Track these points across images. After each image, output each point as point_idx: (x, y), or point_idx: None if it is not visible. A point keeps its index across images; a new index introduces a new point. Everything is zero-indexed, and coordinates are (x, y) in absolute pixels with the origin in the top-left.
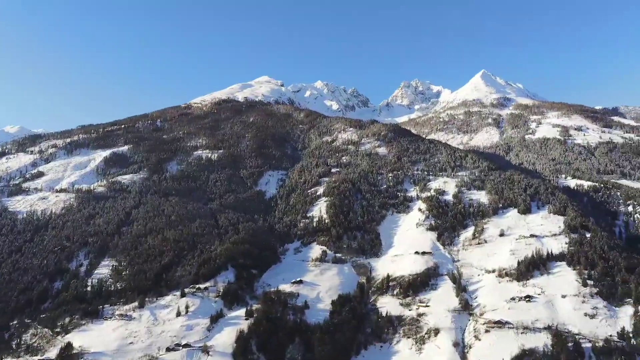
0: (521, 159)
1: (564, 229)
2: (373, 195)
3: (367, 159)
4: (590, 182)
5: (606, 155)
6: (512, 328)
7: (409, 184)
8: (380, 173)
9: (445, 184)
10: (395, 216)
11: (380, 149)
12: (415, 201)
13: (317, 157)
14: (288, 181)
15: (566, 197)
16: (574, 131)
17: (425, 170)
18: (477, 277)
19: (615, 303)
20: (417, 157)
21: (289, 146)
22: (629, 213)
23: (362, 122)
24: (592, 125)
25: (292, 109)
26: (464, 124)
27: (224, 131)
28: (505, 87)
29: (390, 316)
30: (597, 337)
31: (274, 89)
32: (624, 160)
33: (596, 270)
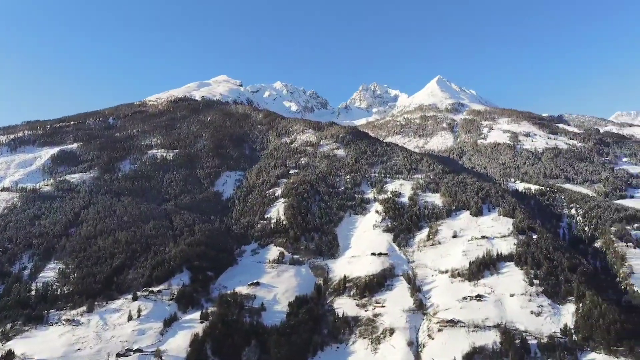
0: (474, 162)
1: (513, 230)
2: (331, 196)
3: (325, 160)
4: (537, 186)
5: (552, 161)
6: (464, 327)
7: (366, 186)
8: (339, 175)
9: (401, 186)
10: (353, 218)
11: (339, 151)
12: (373, 203)
13: (275, 158)
14: (246, 182)
15: (515, 200)
16: (523, 137)
17: (383, 173)
18: (431, 278)
19: (558, 301)
20: (374, 159)
21: (247, 147)
22: (571, 215)
23: (321, 124)
24: (540, 132)
25: (250, 109)
26: (420, 128)
27: (180, 130)
28: (460, 93)
29: (347, 317)
30: (542, 334)
31: (232, 88)
32: (568, 165)
33: (542, 270)
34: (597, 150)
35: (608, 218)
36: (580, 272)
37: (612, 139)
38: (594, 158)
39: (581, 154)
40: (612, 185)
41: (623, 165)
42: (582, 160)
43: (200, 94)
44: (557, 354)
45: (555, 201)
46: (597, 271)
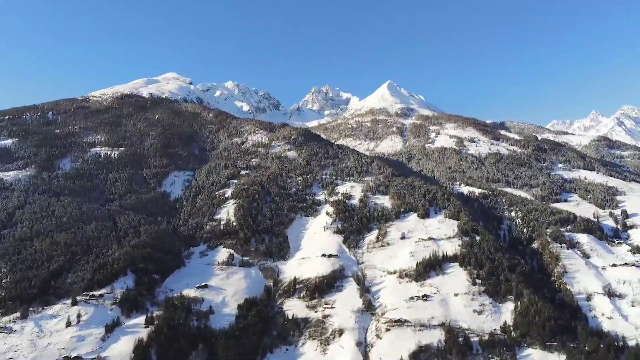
0: (422, 166)
1: (458, 232)
2: (282, 198)
3: (277, 162)
4: (481, 190)
5: (494, 165)
6: (411, 326)
7: (317, 188)
8: (290, 176)
9: (352, 188)
10: (304, 219)
11: (291, 153)
12: (324, 205)
13: (226, 159)
14: (195, 182)
15: (460, 202)
16: (468, 142)
17: (334, 175)
18: (380, 278)
19: (499, 300)
20: (326, 161)
21: (197, 146)
22: (511, 218)
23: (273, 125)
24: (483, 138)
25: (201, 108)
26: (370, 131)
27: (126, 128)
28: (409, 98)
29: (297, 318)
30: (484, 332)
31: (182, 86)
32: (509, 170)
33: (484, 270)
34: (535, 157)
35: (544, 221)
36: (519, 272)
37: (549, 146)
38: (532, 163)
39: (521, 159)
40: (548, 190)
41: (558, 171)
42: (521, 166)
43: (148, 91)
44: (497, 350)
45: (497, 204)
46: (534, 271)
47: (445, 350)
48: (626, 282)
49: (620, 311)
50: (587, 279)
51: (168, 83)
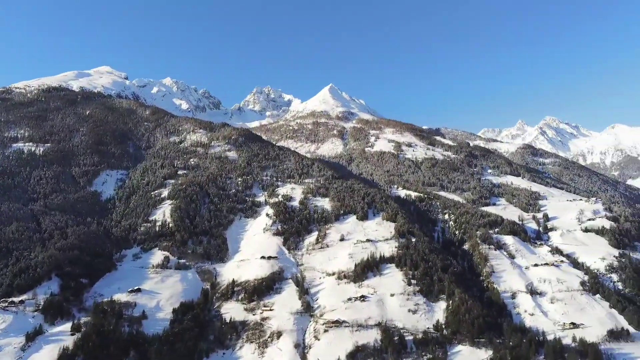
0: (361, 169)
1: (395, 234)
2: (221, 199)
3: (216, 162)
4: (417, 193)
5: (430, 170)
6: (348, 326)
7: (258, 189)
8: (230, 177)
9: (292, 190)
10: (243, 221)
11: (231, 153)
12: (264, 206)
13: (162, 158)
14: (129, 182)
15: (397, 205)
16: (405, 147)
17: (274, 176)
18: (319, 280)
19: (432, 299)
20: (266, 162)
21: (132, 144)
22: (445, 220)
23: (212, 125)
24: (420, 143)
25: (136, 104)
26: (311, 134)
27: (53, 123)
28: (350, 102)
29: (234, 322)
30: (418, 330)
31: (116, 81)
32: (443, 174)
33: (419, 270)
34: (467, 162)
35: (475, 223)
36: (451, 272)
37: (480, 152)
38: (464, 169)
39: (454, 164)
40: (478, 194)
41: (488, 176)
42: (455, 170)
43: (79, 85)
44: (430, 348)
45: (431, 207)
46: (465, 271)
47: (381, 349)
48: (546, 281)
49: (541, 308)
50: (512, 278)
51: (101, 77)
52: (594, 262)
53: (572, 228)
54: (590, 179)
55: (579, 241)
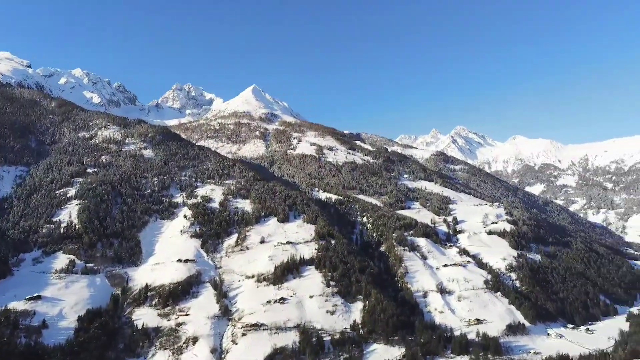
0: (283, 171)
1: (315, 236)
2: (135, 199)
3: (131, 160)
4: (337, 196)
5: (350, 173)
6: (267, 329)
7: (175, 190)
8: (145, 177)
9: (212, 191)
10: (159, 222)
11: (147, 151)
12: (181, 207)
13: (70, 154)
14: (30, 179)
15: (318, 208)
16: (327, 150)
17: (194, 177)
18: (238, 283)
19: (350, 300)
20: (185, 162)
21: (34, 139)
22: (363, 223)
23: (127, 121)
24: (341, 147)
25: (41, 95)
26: (233, 134)
27: None
28: (273, 103)
29: (147, 328)
30: (336, 331)
31: (17, 68)
32: (362, 178)
33: (337, 272)
34: (385, 167)
35: (391, 226)
36: (369, 273)
37: (397, 157)
38: (382, 173)
39: (373, 169)
40: (395, 198)
41: (404, 180)
42: (373, 175)
43: None
44: (347, 347)
45: (351, 210)
46: (381, 272)
47: (300, 351)
48: (455, 280)
49: (449, 305)
50: (424, 278)
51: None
52: (496, 262)
53: (478, 230)
54: (494, 186)
55: (484, 243)
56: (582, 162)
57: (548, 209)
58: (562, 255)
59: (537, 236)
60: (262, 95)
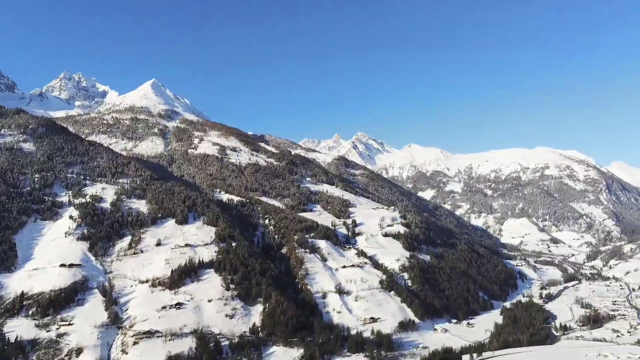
0: (183, 171)
1: (215, 238)
2: (11, 198)
3: (7, 154)
4: (239, 198)
5: (253, 175)
6: (161, 336)
7: (60, 188)
8: (24, 173)
9: (103, 190)
10: (40, 224)
11: (27, 145)
12: (67, 207)
13: None
14: None
15: (219, 209)
16: (230, 151)
17: (82, 174)
18: (131, 288)
19: (250, 302)
20: (73, 158)
21: None
22: (265, 225)
23: (4, 110)
24: (244, 148)
25: None
26: (129, 130)
27: None
28: (174, 100)
29: (22, 341)
30: (234, 335)
31: None
32: (265, 180)
33: (238, 275)
34: (288, 169)
35: (293, 228)
36: (269, 275)
37: (300, 161)
38: (285, 176)
39: (276, 171)
40: (297, 200)
41: (307, 183)
42: (276, 177)
43: None
44: (246, 351)
45: (253, 212)
46: (282, 274)
47: (197, 357)
48: (352, 281)
49: (347, 306)
50: (323, 279)
51: None
52: (390, 263)
53: (375, 233)
54: (391, 190)
55: (380, 244)
56: (467, 170)
57: (437, 213)
58: (448, 255)
59: (428, 238)
60: (162, 90)
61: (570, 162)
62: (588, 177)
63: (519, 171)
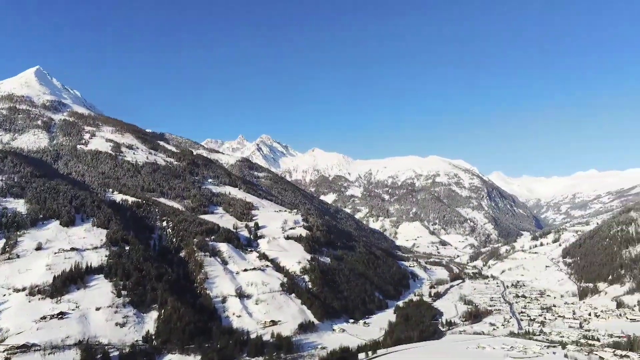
0: (71, 169)
1: (106, 242)
2: None
3: None
4: (135, 198)
5: (151, 175)
6: (40, 350)
7: None
8: None
9: None
10: None
11: None
12: None
13: None
14: None
15: (112, 210)
16: (126, 149)
17: None
18: (3, 298)
19: (144, 309)
20: None
21: None
22: (163, 227)
23: None
24: (142, 146)
25: None
26: (7, 121)
27: None
28: (62, 91)
29: None
30: (125, 344)
31: None
32: (164, 180)
33: (131, 280)
34: (189, 170)
35: (193, 231)
36: (166, 280)
37: (202, 161)
38: (186, 176)
39: (177, 171)
40: (198, 202)
41: (209, 185)
42: (176, 177)
43: None
44: None
45: (150, 213)
46: (180, 278)
47: None
48: (253, 284)
49: (247, 309)
50: (224, 283)
51: None
52: (292, 265)
53: (278, 235)
54: (294, 193)
55: (282, 247)
56: (367, 175)
57: (338, 216)
58: (348, 258)
59: (329, 241)
60: (47, 79)
61: (457, 170)
62: (472, 185)
63: (413, 178)
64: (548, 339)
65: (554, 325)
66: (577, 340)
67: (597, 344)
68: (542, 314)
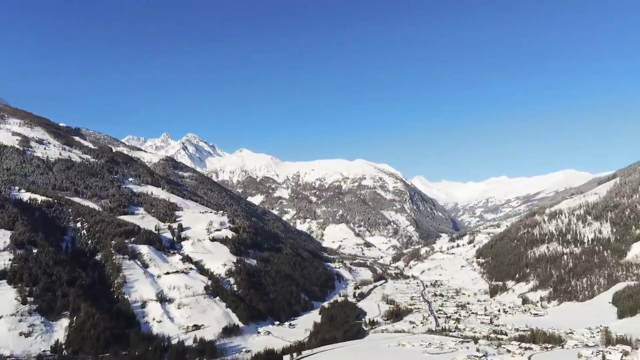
0: None
1: (10, 244)
2: None
3: None
4: (45, 197)
5: (64, 172)
6: None
7: None
8: None
9: None
10: None
11: None
12: None
13: None
14: None
15: (18, 210)
16: (35, 143)
17: None
18: None
19: (53, 317)
20: None
21: None
22: (77, 229)
23: None
24: (54, 141)
25: None
26: None
27: None
28: None
29: None
30: (31, 355)
31: None
32: (79, 179)
33: (39, 286)
34: (108, 168)
35: (110, 232)
36: (79, 285)
37: (122, 159)
38: (104, 175)
39: (94, 169)
40: (117, 202)
41: (129, 184)
42: (93, 176)
43: None
44: None
45: (62, 214)
46: (96, 283)
47: None
48: (176, 288)
49: (169, 314)
50: (144, 287)
51: None
52: (217, 268)
53: (203, 237)
54: (220, 194)
55: (207, 249)
56: (295, 177)
57: (266, 218)
58: (274, 259)
59: (255, 242)
60: None
61: (382, 174)
62: (396, 188)
63: (340, 181)
64: (462, 334)
65: (467, 322)
66: (488, 335)
67: (505, 337)
68: (457, 312)
